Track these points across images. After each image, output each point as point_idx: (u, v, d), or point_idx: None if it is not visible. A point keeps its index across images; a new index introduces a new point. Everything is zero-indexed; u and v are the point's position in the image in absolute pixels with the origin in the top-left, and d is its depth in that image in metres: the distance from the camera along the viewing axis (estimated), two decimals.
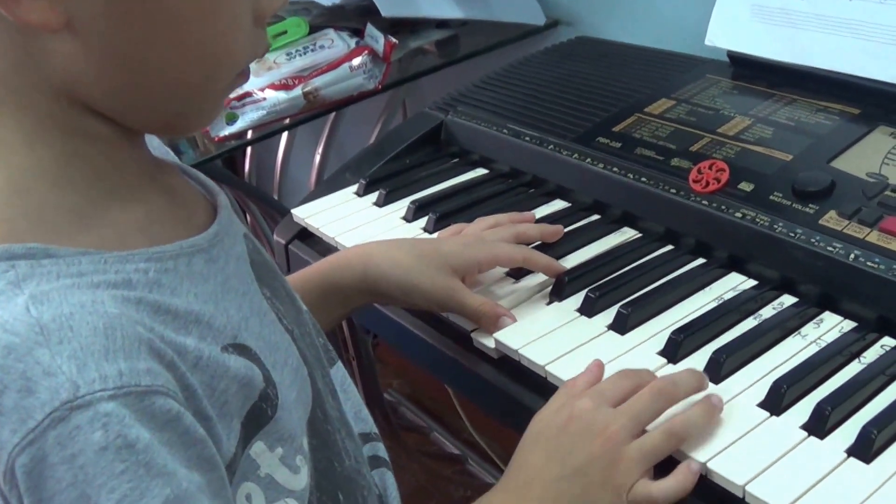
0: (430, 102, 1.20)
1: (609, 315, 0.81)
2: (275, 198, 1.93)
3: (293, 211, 1.06)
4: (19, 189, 0.51)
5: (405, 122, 1.38)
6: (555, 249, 0.90)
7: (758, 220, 0.84)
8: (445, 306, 0.83)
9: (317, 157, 1.75)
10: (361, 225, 1.01)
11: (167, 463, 0.46)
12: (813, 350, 0.74)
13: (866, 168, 0.86)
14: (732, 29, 1.09)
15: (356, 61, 1.31)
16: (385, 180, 1.08)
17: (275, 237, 1.08)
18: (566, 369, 0.75)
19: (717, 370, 0.72)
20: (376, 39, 1.32)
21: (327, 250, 0.98)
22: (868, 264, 0.76)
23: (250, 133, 1.32)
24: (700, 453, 0.65)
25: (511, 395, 0.79)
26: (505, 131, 1.09)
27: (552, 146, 1.03)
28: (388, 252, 0.85)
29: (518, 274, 0.88)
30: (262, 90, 1.28)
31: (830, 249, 0.78)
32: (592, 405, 0.67)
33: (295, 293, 0.71)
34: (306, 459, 0.59)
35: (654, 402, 0.67)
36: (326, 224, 1.02)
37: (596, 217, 0.97)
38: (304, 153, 1.88)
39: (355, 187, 1.09)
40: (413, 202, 1.02)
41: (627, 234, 0.93)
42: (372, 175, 1.09)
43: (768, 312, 0.79)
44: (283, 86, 1.29)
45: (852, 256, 0.77)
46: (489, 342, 0.80)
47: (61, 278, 0.48)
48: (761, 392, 0.70)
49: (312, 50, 1.32)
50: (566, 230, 0.93)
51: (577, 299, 0.83)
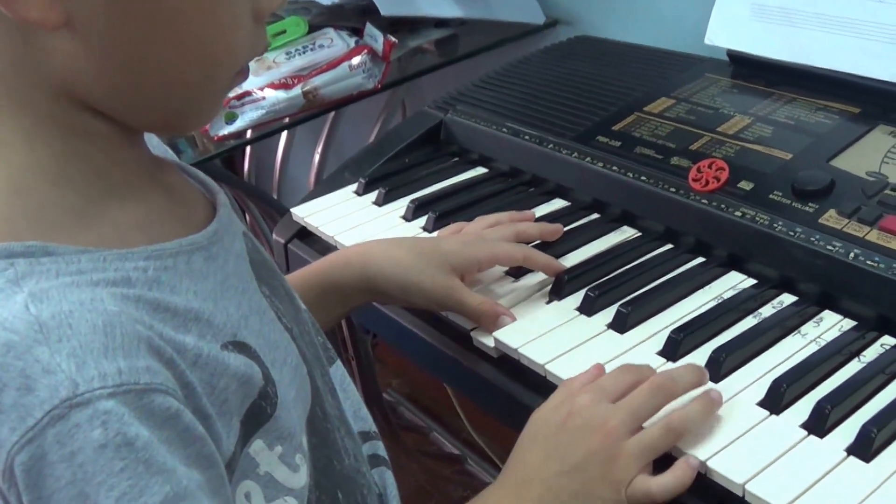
0: (430, 101, 1.20)
1: (609, 314, 0.80)
2: (274, 197, 1.92)
3: (292, 210, 1.05)
4: (19, 187, 0.51)
5: (404, 122, 1.38)
6: (554, 248, 0.90)
7: (757, 219, 0.83)
8: (445, 305, 0.83)
9: (316, 157, 1.75)
10: (361, 224, 1.01)
11: (166, 461, 0.46)
12: (813, 349, 0.74)
13: (866, 167, 0.86)
14: (732, 28, 1.09)
15: (355, 60, 1.31)
16: (384, 179, 1.08)
17: (274, 236, 1.08)
18: (566, 368, 0.75)
19: (717, 369, 0.72)
20: (375, 38, 1.32)
21: (326, 249, 0.98)
22: (868, 263, 0.76)
23: (249, 132, 1.32)
24: (700, 452, 0.65)
25: (511, 395, 0.78)
26: (504, 130, 1.08)
27: (552, 145, 1.03)
28: (388, 251, 0.85)
29: (518, 273, 0.88)
30: (262, 89, 1.28)
31: (830, 248, 0.78)
32: (591, 401, 0.67)
33: (294, 292, 0.70)
34: (305, 458, 0.59)
35: (653, 398, 0.67)
36: (326, 223, 1.02)
37: (595, 216, 0.97)
38: (304, 153, 1.87)
39: (355, 186, 1.09)
40: (412, 201, 1.02)
41: (627, 233, 0.93)
42: (371, 174, 1.09)
43: (768, 311, 0.79)
44: (283, 85, 1.28)
45: (852, 255, 0.77)
46: (489, 341, 0.80)
47: (60, 276, 0.48)
48: (761, 391, 0.70)
49: (312, 49, 1.32)
50: (566, 229, 0.93)
51: (577, 298, 0.83)
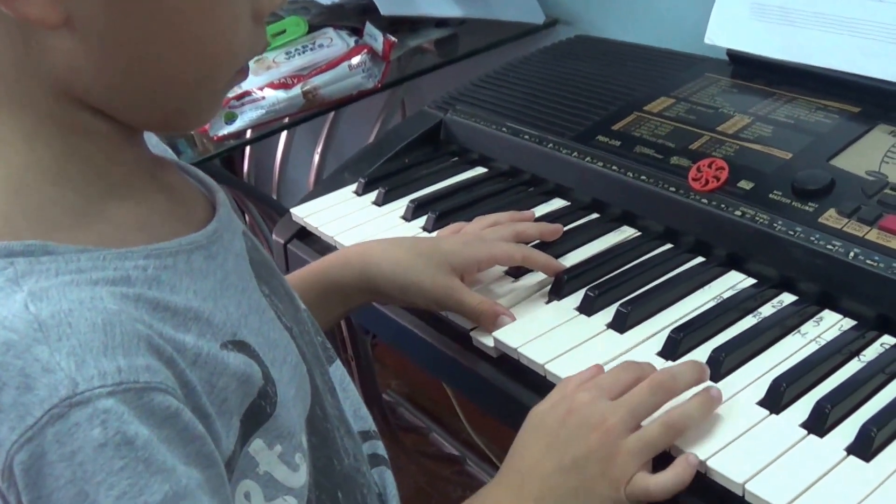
0: (430, 101, 1.20)
1: (608, 314, 0.80)
2: (273, 198, 1.92)
3: (292, 210, 1.05)
4: (18, 186, 0.51)
5: (404, 121, 1.38)
6: (554, 248, 0.90)
7: (757, 219, 0.83)
8: (444, 305, 0.83)
9: (315, 157, 1.75)
10: (360, 224, 1.01)
11: (166, 459, 0.46)
12: (812, 348, 0.74)
13: (866, 166, 0.86)
14: (732, 27, 1.09)
15: (355, 60, 1.31)
16: (384, 179, 1.08)
17: (273, 236, 1.08)
18: (565, 368, 0.75)
19: (717, 368, 0.72)
20: (375, 38, 1.32)
21: (326, 249, 0.98)
22: (867, 262, 0.76)
23: (249, 132, 1.32)
24: (699, 451, 0.65)
25: (510, 394, 0.78)
26: (504, 130, 1.08)
27: (551, 145, 1.03)
28: (388, 251, 0.85)
29: (517, 273, 0.88)
30: (261, 89, 1.28)
31: (830, 248, 0.78)
32: (590, 398, 0.67)
33: (293, 291, 0.70)
34: (305, 457, 0.59)
35: (653, 396, 0.67)
36: (325, 223, 1.02)
37: (595, 216, 0.97)
38: (303, 153, 1.87)
39: (354, 186, 1.09)
40: (412, 201, 1.02)
41: (627, 233, 0.93)
42: (371, 174, 1.09)
43: (768, 311, 0.79)
44: (282, 85, 1.28)
45: (852, 255, 0.77)
46: (488, 341, 0.80)
47: (60, 275, 0.48)
48: (761, 390, 0.70)
49: (311, 49, 1.32)
50: (565, 229, 0.93)
51: (577, 298, 0.83)
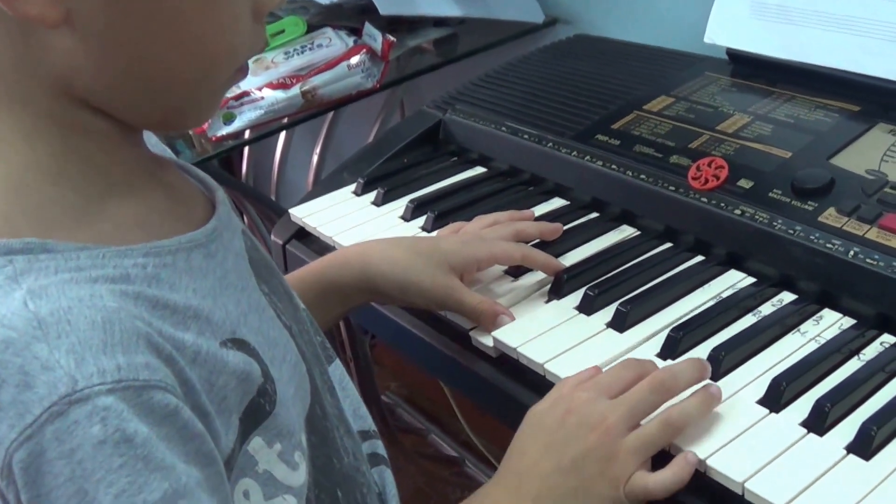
0: (429, 101, 1.20)
1: (608, 313, 0.80)
2: (272, 199, 1.92)
3: (291, 210, 1.05)
4: (17, 185, 0.51)
5: (403, 121, 1.38)
6: (554, 247, 0.90)
7: (757, 218, 0.83)
8: (444, 304, 0.82)
9: (314, 157, 1.74)
10: (359, 224, 1.01)
11: (165, 457, 0.46)
12: (812, 347, 0.74)
13: (865, 165, 0.86)
14: (731, 26, 1.09)
15: (354, 60, 1.31)
16: (383, 179, 1.08)
17: (272, 237, 1.07)
18: (565, 367, 0.74)
19: (717, 367, 0.72)
20: (374, 38, 1.32)
21: (325, 250, 0.98)
22: (867, 261, 0.76)
23: (248, 133, 1.32)
24: (699, 450, 0.65)
25: (510, 394, 0.78)
26: (503, 129, 1.08)
27: (551, 144, 1.03)
28: (387, 250, 0.85)
29: (517, 272, 0.88)
30: (260, 89, 1.28)
31: (829, 246, 0.78)
32: (589, 397, 0.67)
33: (292, 290, 0.70)
34: (305, 456, 0.59)
35: (652, 395, 0.67)
36: (324, 223, 1.02)
37: (595, 215, 0.97)
38: (302, 155, 1.87)
39: (353, 186, 1.08)
40: (411, 201, 1.02)
41: (626, 232, 0.93)
42: (370, 174, 1.09)
43: (767, 309, 0.79)
44: (281, 85, 1.28)
45: (851, 253, 0.77)
46: (488, 341, 0.80)
47: (59, 273, 0.48)
48: (760, 389, 0.70)
49: (310, 49, 1.32)
50: (565, 228, 0.92)
51: (576, 297, 0.83)
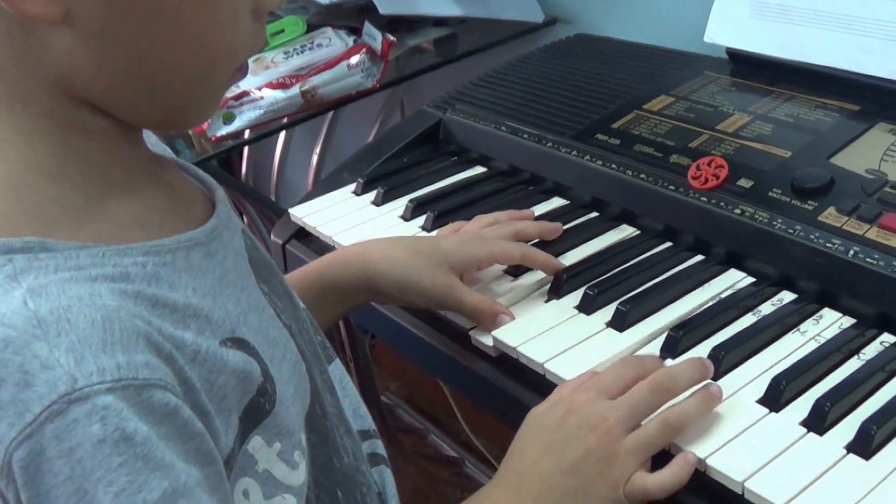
0: (429, 100, 1.20)
1: (608, 312, 0.80)
2: (272, 199, 1.92)
3: (290, 210, 1.05)
4: (17, 184, 0.51)
5: (403, 121, 1.38)
6: (553, 247, 0.90)
7: (757, 217, 0.83)
8: (443, 304, 0.82)
9: (314, 157, 1.74)
10: (359, 224, 1.01)
11: (165, 456, 0.46)
12: (812, 346, 0.74)
13: (865, 164, 0.86)
14: (731, 26, 1.09)
15: (354, 59, 1.31)
16: (383, 179, 1.08)
17: (272, 237, 1.07)
18: (565, 367, 0.74)
19: (716, 366, 0.72)
20: (374, 37, 1.32)
21: (325, 250, 0.98)
22: (867, 261, 0.76)
23: (247, 133, 1.32)
24: (699, 450, 0.65)
25: (509, 394, 0.78)
26: (503, 129, 1.08)
27: (551, 143, 1.03)
28: (387, 250, 0.84)
29: (516, 271, 0.88)
30: (260, 89, 1.28)
31: (829, 246, 0.78)
32: (589, 398, 0.67)
33: (292, 290, 0.70)
34: (304, 455, 0.59)
35: (652, 395, 0.67)
36: (324, 223, 1.02)
37: (594, 214, 0.97)
38: (302, 155, 1.87)
39: (353, 186, 1.08)
40: (411, 201, 1.02)
41: (626, 232, 0.93)
42: (370, 174, 1.09)
43: (767, 309, 0.79)
44: (281, 84, 1.28)
45: (851, 253, 0.77)
46: (487, 340, 0.80)
47: (59, 272, 0.48)
48: (760, 388, 0.70)
49: (310, 48, 1.32)
50: (565, 227, 0.92)
51: (576, 297, 0.83)
